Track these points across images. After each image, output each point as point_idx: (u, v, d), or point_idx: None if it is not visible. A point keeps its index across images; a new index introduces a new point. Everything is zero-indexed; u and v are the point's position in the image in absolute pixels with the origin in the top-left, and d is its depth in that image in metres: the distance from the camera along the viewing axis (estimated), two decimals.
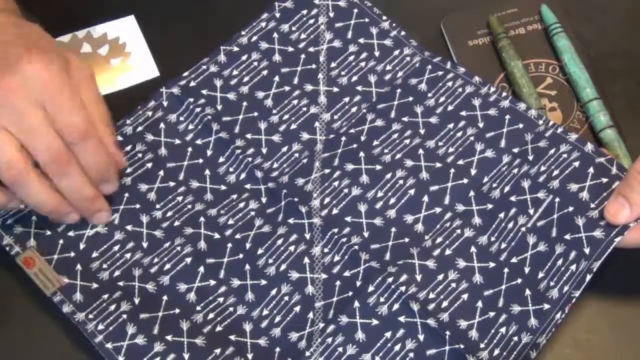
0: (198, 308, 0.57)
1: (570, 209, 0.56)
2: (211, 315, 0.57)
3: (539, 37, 0.68)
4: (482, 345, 0.54)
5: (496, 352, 0.54)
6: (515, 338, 0.54)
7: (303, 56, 0.67)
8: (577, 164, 0.58)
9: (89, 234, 0.58)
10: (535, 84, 0.65)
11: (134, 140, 0.62)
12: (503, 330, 0.54)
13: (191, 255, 0.59)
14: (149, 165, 0.62)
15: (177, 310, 0.56)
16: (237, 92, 0.65)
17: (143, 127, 0.63)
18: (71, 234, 0.58)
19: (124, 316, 0.55)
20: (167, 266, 0.58)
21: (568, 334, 0.57)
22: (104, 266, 0.58)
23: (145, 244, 0.59)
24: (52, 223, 0.58)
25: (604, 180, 0.57)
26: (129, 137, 0.62)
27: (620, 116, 0.64)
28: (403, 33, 0.67)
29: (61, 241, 0.58)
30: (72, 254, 0.58)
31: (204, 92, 0.64)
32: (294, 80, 0.66)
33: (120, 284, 0.57)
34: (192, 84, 0.65)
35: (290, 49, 0.67)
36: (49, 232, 0.58)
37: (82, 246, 0.58)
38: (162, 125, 0.63)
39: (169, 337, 0.55)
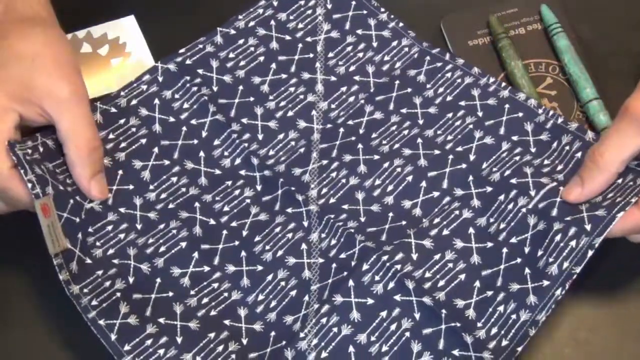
0: (192, 292, 0.57)
1: None
2: (205, 300, 0.56)
3: (539, 37, 0.68)
4: (479, 324, 0.54)
5: (494, 330, 0.54)
6: (514, 316, 0.54)
7: (300, 45, 0.67)
8: (579, 155, 0.58)
9: (86, 206, 0.57)
10: (535, 84, 0.65)
11: (128, 113, 0.62)
12: (501, 308, 0.54)
13: (186, 240, 0.58)
14: (143, 141, 0.61)
15: (171, 293, 0.56)
16: (233, 75, 0.65)
17: (137, 101, 0.62)
18: (78, 198, 0.57)
19: (118, 294, 0.55)
20: (162, 248, 0.58)
21: (568, 333, 0.57)
22: (97, 244, 0.57)
23: (139, 226, 0.58)
24: (65, 178, 0.57)
25: None
26: (122, 110, 0.62)
27: None
28: (401, 24, 0.68)
29: (71, 201, 0.57)
30: (77, 220, 0.57)
31: (200, 71, 0.64)
32: (291, 69, 0.66)
33: (115, 261, 0.57)
34: (188, 62, 0.64)
35: (288, 37, 0.67)
36: (62, 187, 0.56)
37: (83, 216, 0.57)
38: (156, 100, 0.63)
39: (161, 320, 0.55)
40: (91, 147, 0.56)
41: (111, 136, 0.61)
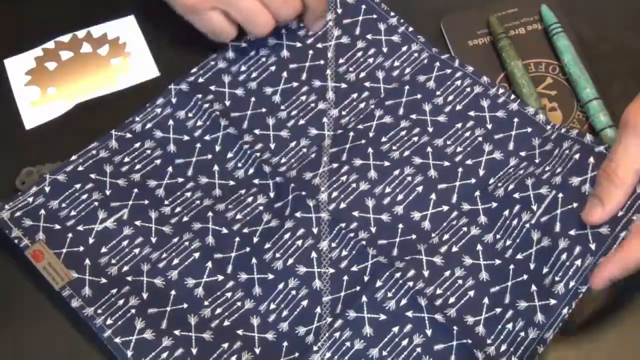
0: (206, 303, 0.57)
1: (574, 205, 0.56)
2: (219, 310, 0.57)
3: (539, 37, 0.68)
4: (489, 341, 0.54)
5: (503, 347, 0.54)
6: (522, 333, 0.54)
7: (311, 52, 0.67)
8: (577, 156, 0.58)
9: (97, 228, 0.58)
10: (535, 84, 0.65)
11: (143, 137, 0.63)
12: (510, 326, 0.55)
13: (199, 250, 0.59)
14: (158, 162, 0.62)
15: (185, 305, 0.57)
16: (245, 87, 0.65)
17: (152, 124, 0.63)
18: (80, 228, 0.58)
19: (133, 311, 0.55)
20: (176, 261, 0.58)
21: (568, 334, 0.57)
22: (113, 261, 0.58)
23: (154, 240, 0.59)
24: (61, 217, 0.58)
25: None
26: (137, 134, 0.63)
27: (620, 116, 0.64)
28: (411, 29, 0.67)
29: (70, 235, 0.58)
30: (81, 249, 0.57)
31: (212, 88, 0.65)
32: (302, 76, 0.66)
33: (129, 278, 0.57)
34: (201, 80, 0.65)
35: (298, 44, 0.67)
36: (57, 227, 0.58)
37: (91, 241, 0.58)
38: (170, 122, 0.63)
39: (177, 332, 0.55)
40: None
41: (126, 159, 0.61)
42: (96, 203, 0.59)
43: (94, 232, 0.58)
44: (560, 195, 0.56)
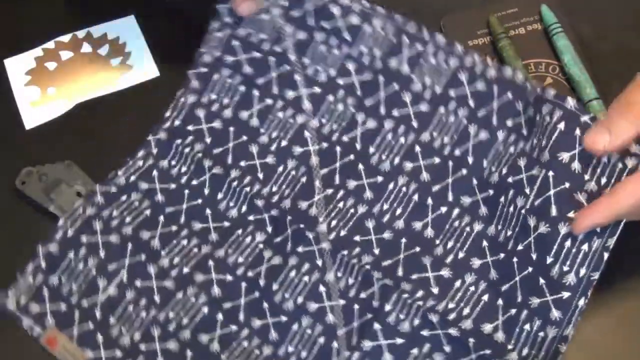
0: (223, 357, 0.56)
1: (567, 185, 0.52)
2: None
3: (539, 37, 0.68)
4: (509, 347, 0.53)
5: (525, 351, 0.52)
6: (542, 334, 0.52)
7: (272, 59, 0.62)
8: (561, 126, 0.53)
9: (101, 299, 0.57)
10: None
11: (129, 189, 0.61)
12: (527, 327, 0.53)
13: (207, 304, 0.57)
14: (148, 212, 0.60)
15: None
16: (221, 118, 0.62)
17: (136, 177, 0.61)
18: (85, 304, 0.57)
19: None
20: (185, 320, 0.57)
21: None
22: (123, 331, 0.56)
23: (157, 298, 0.57)
24: (64, 294, 0.57)
25: None
26: (122, 187, 0.61)
27: None
28: (364, 2, 0.60)
29: (77, 313, 0.57)
30: (91, 326, 0.56)
31: (190, 128, 0.62)
32: (273, 90, 0.62)
33: (142, 347, 0.56)
34: (177, 122, 0.62)
35: (257, 54, 0.62)
36: (64, 307, 0.57)
37: (98, 315, 0.57)
38: (154, 172, 0.61)
39: None
40: None
41: (115, 213, 0.60)
42: (94, 271, 0.58)
43: (99, 305, 0.57)
44: (551, 173, 0.53)
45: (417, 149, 0.60)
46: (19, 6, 0.59)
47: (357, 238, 0.58)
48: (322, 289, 0.57)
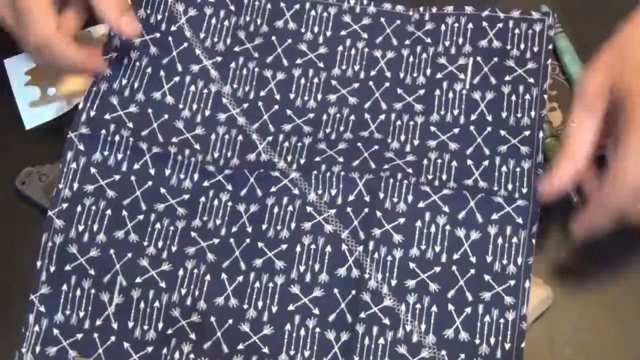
0: (245, 306, 0.57)
1: (495, 59, 0.63)
2: (260, 303, 0.57)
3: None
4: (477, 342, 0.55)
5: (492, 340, 0.55)
6: (502, 320, 0.56)
7: (170, 38, 0.64)
8: (470, 26, 0.64)
9: (112, 311, 0.57)
10: None
11: (79, 197, 0.59)
12: (487, 318, 0.56)
13: (208, 272, 0.58)
14: (109, 212, 0.59)
15: (231, 321, 0.57)
16: (135, 102, 0.62)
17: (77, 183, 0.60)
18: (98, 322, 0.57)
19: (192, 356, 0.56)
20: (196, 293, 0.58)
21: (568, 334, 0.57)
22: (145, 328, 0.57)
23: (162, 284, 0.58)
24: (75, 323, 0.57)
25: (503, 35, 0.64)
26: (71, 198, 0.59)
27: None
28: None
29: (95, 335, 0.57)
30: (113, 338, 0.57)
31: (107, 117, 0.61)
32: (177, 67, 0.64)
33: (170, 331, 0.57)
34: (92, 113, 0.61)
35: (157, 34, 0.64)
36: (80, 336, 0.57)
37: (115, 327, 0.57)
38: (92, 170, 0.60)
39: (240, 346, 0.57)
40: None
41: (79, 227, 0.59)
42: (93, 290, 0.58)
43: (112, 317, 0.57)
44: (479, 58, 0.63)
45: (334, 82, 0.64)
46: None
47: (317, 159, 0.61)
48: (309, 209, 0.59)
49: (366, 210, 0.59)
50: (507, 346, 0.55)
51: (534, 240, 0.57)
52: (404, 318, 0.56)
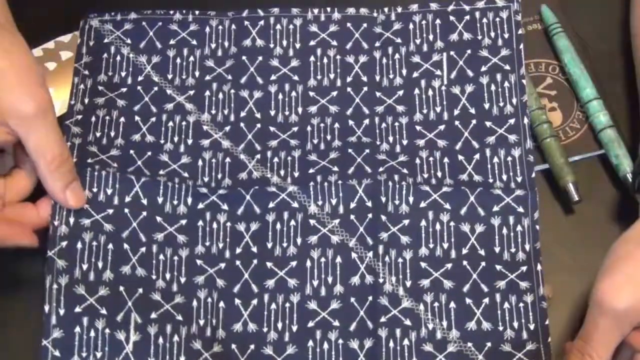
0: (265, 329, 0.57)
1: (468, 51, 0.64)
2: (280, 324, 0.57)
3: (539, 37, 0.68)
4: (500, 328, 0.56)
5: (515, 324, 0.56)
6: (522, 304, 0.57)
7: (139, 87, 0.65)
8: (438, 21, 0.65)
9: (130, 350, 0.55)
10: (535, 84, 0.65)
11: (78, 233, 0.58)
12: (507, 305, 0.57)
13: (221, 299, 0.58)
14: (110, 246, 0.58)
15: (252, 346, 0.57)
16: (116, 147, 0.62)
17: (73, 217, 0.58)
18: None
19: None
20: (214, 322, 0.57)
21: (568, 333, 0.57)
22: (168, 334, 0.56)
23: (179, 317, 0.57)
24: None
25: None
26: (69, 235, 0.57)
27: (620, 116, 0.64)
28: (197, 12, 0.67)
29: None
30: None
31: (90, 161, 0.60)
32: (152, 109, 0.64)
33: None
34: (74, 160, 0.60)
35: (123, 89, 0.65)
36: None
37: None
38: (85, 205, 0.58)
39: (267, 349, 0.57)
40: (60, 160, 0.55)
41: (85, 267, 0.57)
42: (107, 330, 0.55)
43: (132, 357, 0.55)
44: (452, 53, 0.64)
45: (312, 94, 0.65)
46: (19, 6, 0.59)
47: (311, 170, 0.61)
48: (312, 222, 0.59)
49: (370, 215, 0.59)
50: (532, 326, 0.56)
51: (537, 226, 0.58)
52: (425, 317, 0.57)
